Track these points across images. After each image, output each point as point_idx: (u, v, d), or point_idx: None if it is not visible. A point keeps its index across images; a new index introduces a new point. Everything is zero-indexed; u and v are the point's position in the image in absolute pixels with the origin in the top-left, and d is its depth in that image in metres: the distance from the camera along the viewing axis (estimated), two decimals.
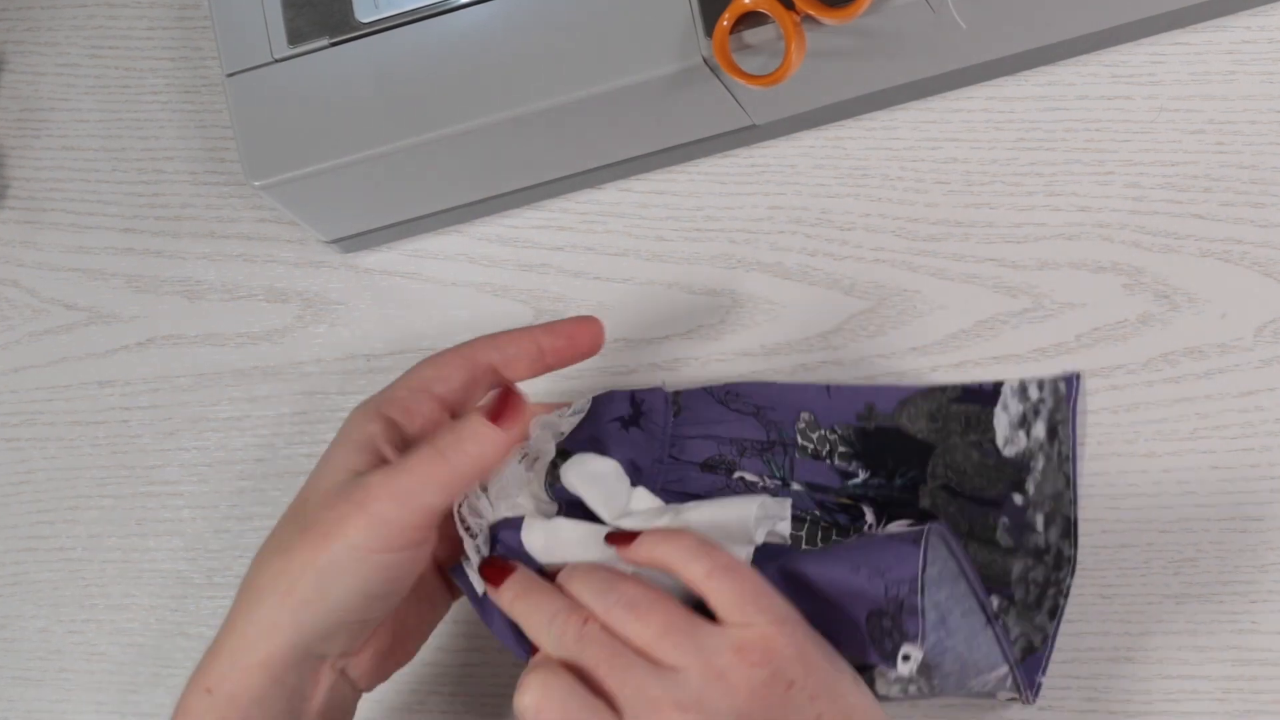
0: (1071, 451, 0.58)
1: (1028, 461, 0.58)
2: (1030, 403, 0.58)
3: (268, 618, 0.50)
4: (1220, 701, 0.58)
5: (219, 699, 0.50)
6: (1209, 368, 0.59)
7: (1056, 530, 0.57)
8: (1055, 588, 0.57)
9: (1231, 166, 0.60)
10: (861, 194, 0.63)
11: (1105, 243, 0.61)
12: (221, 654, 0.51)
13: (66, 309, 0.71)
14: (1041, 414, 0.58)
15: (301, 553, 0.50)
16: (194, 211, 0.70)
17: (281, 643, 0.50)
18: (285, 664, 0.51)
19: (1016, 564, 0.57)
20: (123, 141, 0.71)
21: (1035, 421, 0.58)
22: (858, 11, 0.53)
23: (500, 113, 0.58)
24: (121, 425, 0.69)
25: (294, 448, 0.68)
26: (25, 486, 0.70)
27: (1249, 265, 0.59)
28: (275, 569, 0.51)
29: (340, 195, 0.62)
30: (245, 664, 0.50)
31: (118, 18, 0.72)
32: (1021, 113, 0.62)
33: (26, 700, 0.69)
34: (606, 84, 0.57)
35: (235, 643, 0.51)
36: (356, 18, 0.60)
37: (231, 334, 0.69)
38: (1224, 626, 0.58)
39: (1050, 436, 0.58)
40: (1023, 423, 0.58)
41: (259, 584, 0.51)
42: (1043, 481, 0.58)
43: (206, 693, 0.51)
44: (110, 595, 0.69)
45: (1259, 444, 0.59)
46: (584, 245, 0.66)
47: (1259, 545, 0.58)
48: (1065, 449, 0.58)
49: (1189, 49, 0.61)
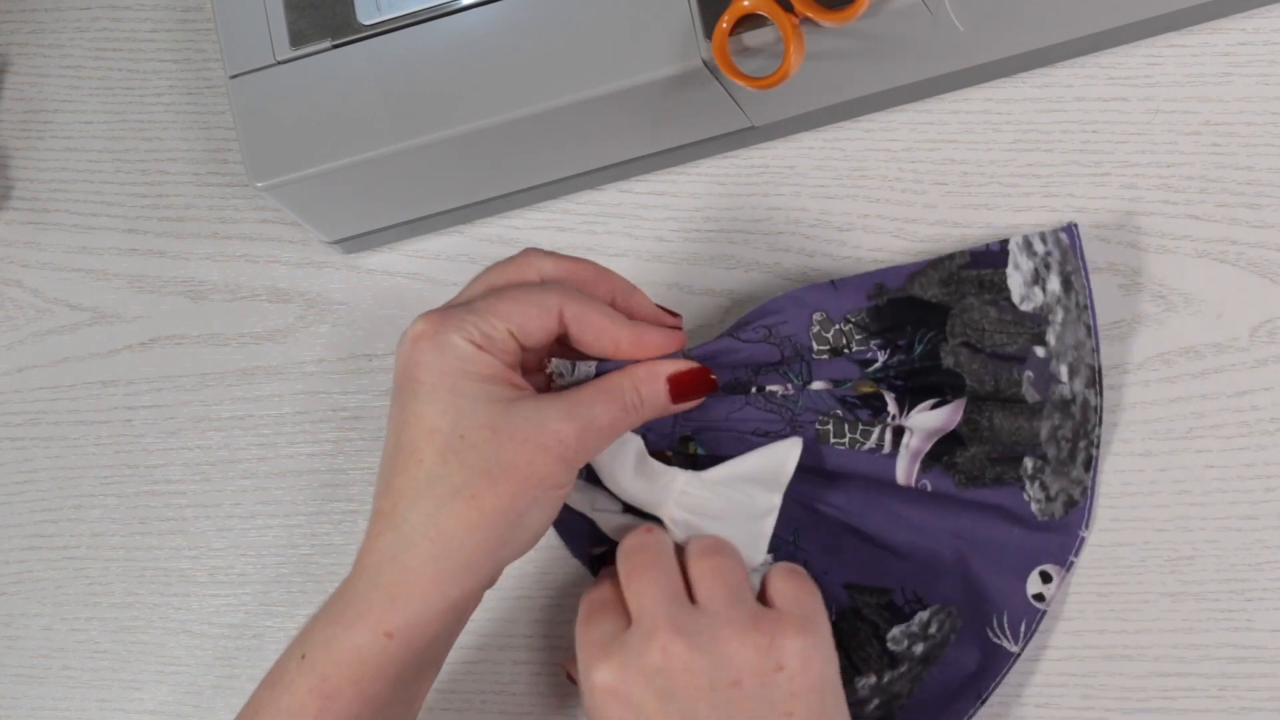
0: (1089, 300, 0.57)
1: (1046, 315, 0.57)
2: (1039, 257, 0.58)
3: (465, 562, 0.49)
4: (1216, 699, 0.58)
5: (401, 644, 0.49)
6: (1205, 367, 0.59)
7: (1081, 380, 0.57)
8: (1086, 439, 0.57)
9: (1227, 168, 0.60)
10: (860, 195, 0.63)
11: (1102, 243, 0.61)
12: (401, 599, 0.49)
13: (70, 309, 0.71)
14: (1053, 267, 0.58)
15: (493, 498, 0.49)
16: (197, 212, 0.70)
17: (475, 584, 0.50)
18: (473, 599, 0.51)
19: (1045, 424, 0.57)
20: (126, 143, 0.71)
21: (1049, 275, 0.57)
22: (856, 14, 0.53)
23: (501, 115, 0.58)
24: (125, 425, 0.70)
25: (296, 447, 0.68)
26: (29, 485, 0.71)
27: (1245, 266, 0.60)
28: (464, 516, 0.49)
29: (342, 196, 0.62)
30: (438, 608, 0.49)
31: (121, 20, 0.72)
32: (1019, 114, 0.62)
33: (30, 698, 0.69)
34: (607, 86, 0.57)
35: (421, 588, 0.49)
36: (358, 20, 0.60)
37: (234, 334, 0.69)
38: (1220, 625, 0.58)
39: (1066, 288, 0.57)
40: (1036, 278, 0.57)
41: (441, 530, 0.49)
42: (1063, 332, 0.57)
43: (387, 638, 0.49)
44: (113, 593, 0.69)
45: (1254, 443, 0.59)
46: (584, 246, 0.66)
47: (1254, 544, 0.58)
48: (1082, 298, 0.57)
49: (1185, 51, 0.61)
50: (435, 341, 0.50)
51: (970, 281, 0.58)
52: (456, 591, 0.49)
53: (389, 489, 0.50)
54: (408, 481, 0.50)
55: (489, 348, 0.50)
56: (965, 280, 0.58)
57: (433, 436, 0.49)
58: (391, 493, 0.50)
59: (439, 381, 0.50)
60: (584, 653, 0.52)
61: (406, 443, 0.50)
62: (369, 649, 0.49)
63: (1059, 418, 0.57)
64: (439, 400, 0.50)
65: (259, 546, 0.68)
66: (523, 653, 0.64)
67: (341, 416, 0.68)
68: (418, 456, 0.50)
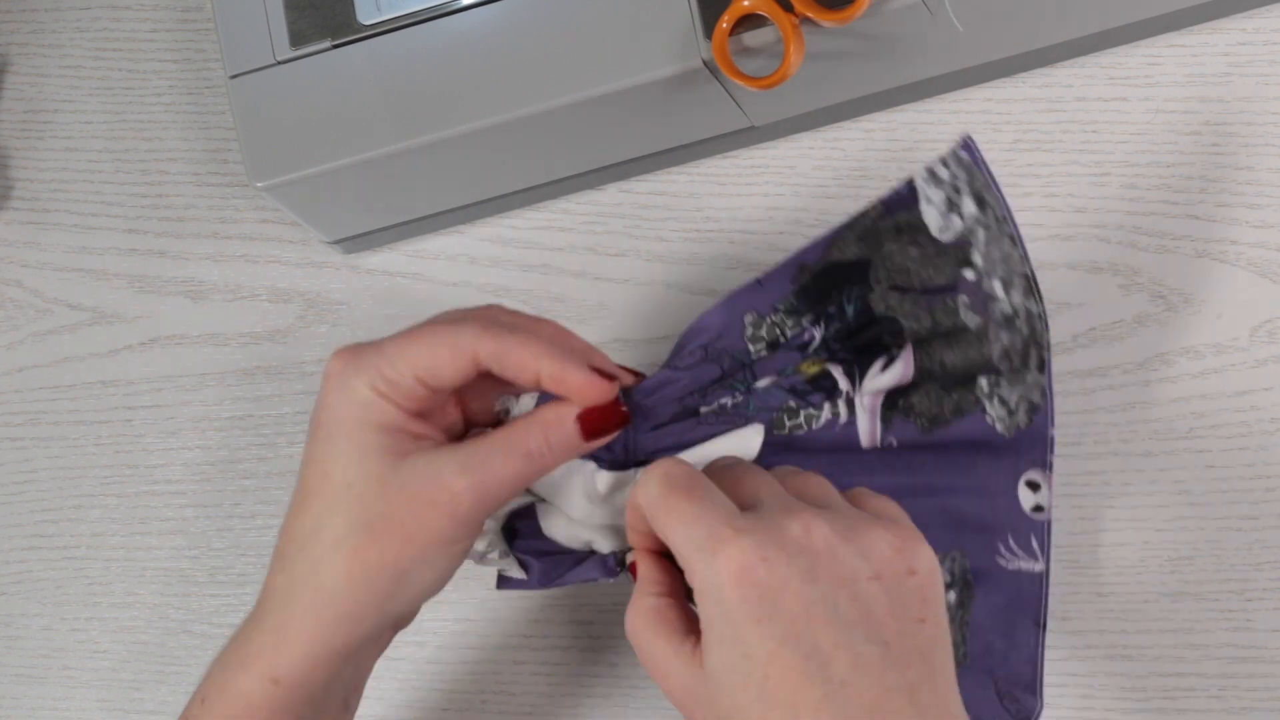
0: (1005, 212, 0.55)
1: (968, 237, 0.55)
2: (946, 184, 0.55)
3: (346, 612, 0.48)
4: (1216, 699, 0.58)
5: (286, 689, 0.49)
6: (1205, 367, 0.59)
7: (1018, 291, 0.55)
8: (1035, 345, 0.55)
9: (1227, 168, 0.60)
10: (860, 195, 0.63)
11: (1102, 243, 0.61)
12: (285, 644, 0.49)
13: (70, 309, 0.71)
14: (962, 190, 0.55)
15: (376, 552, 0.48)
16: (197, 212, 0.70)
17: (361, 632, 0.49)
18: (362, 646, 0.50)
19: (995, 346, 0.55)
20: (126, 143, 0.71)
21: (961, 199, 0.55)
22: (856, 14, 0.53)
23: (501, 115, 0.58)
24: (125, 425, 0.70)
25: (296, 447, 0.68)
26: (29, 486, 0.71)
27: (1245, 266, 0.60)
28: (343, 568, 0.48)
29: (342, 196, 0.63)
30: (321, 656, 0.49)
31: (121, 20, 0.72)
32: (1019, 114, 0.62)
33: (30, 698, 0.69)
34: (607, 86, 0.57)
35: (303, 635, 0.49)
36: (358, 20, 0.60)
37: (234, 334, 0.69)
38: (1219, 624, 0.58)
39: (980, 205, 0.54)
40: (950, 206, 0.55)
41: (320, 581, 0.48)
42: (988, 250, 0.55)
43: (273, 683, 0.49)
44: (113, 593, 0.69)
45: (1254, 443, 0.59)
46: (584, 246, 0.66)
47: (1254, 544, 0.58)
48: (999, 210, 0.55)
49: (1185, 51, 0.61)
50: (339, 384, 0.49)
51: (887, 231, 0.55)
52: (340, 640, 0.49)
53: (285, 530, 0.50)
54: (298, 526, 0.49)
55: (391, 394, 0.49)
56: (882, 231, 0.55)
57: (324, 483, 0.49)
58: (285, 534, 0.50)
59: (335, 428, 0.49)
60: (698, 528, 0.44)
61: (302, 486, 0.50)
62: (258, 694, 0.49)
63: (1006, 335, 0.55)
64: (334, 446, 0.49)
65: (259, 546, 0.68)
66: (523, 653, 0.64)
67: None
68: (309, 502, 0.49)
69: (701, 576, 0.43)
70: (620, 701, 0.64)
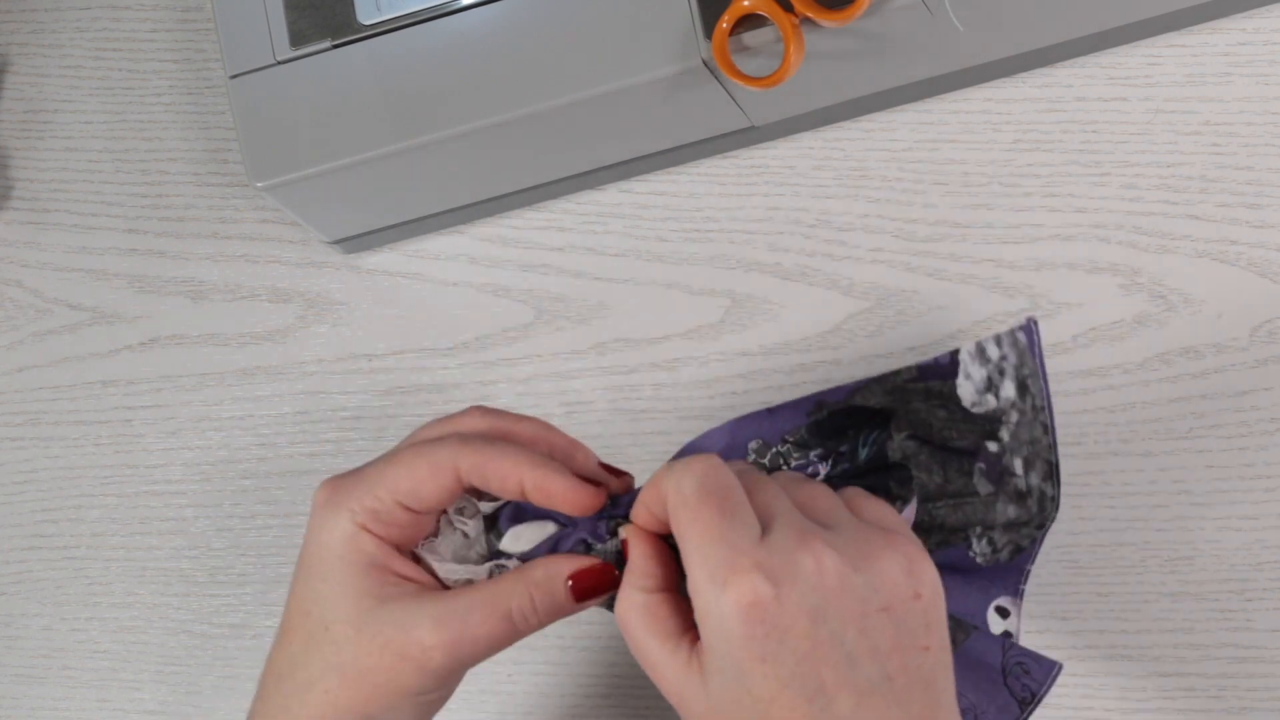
0: (1046, 401, 0.53)
1: (1000, 416, 0.53)
2: (993, 364, 0.53)
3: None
4: (1216, 699, 0.58)
5: None
6: (1204, 367, 0.59)
7: (1038, 474, 0.53)
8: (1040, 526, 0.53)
9: (1227, 168, 0.60)
10: (860, 195, 0.63)
11: (1102, 243, 0.61)
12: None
13: (70, 309, 0.71)
14: (1007, 372, 0.53)
15: (346, 697, 0.48)
16: (197, 212, 0.70)
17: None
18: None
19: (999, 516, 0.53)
20: (126, 143, 0.71)
21: (1002, 381, 0.53)
22: (856, 14, 0.53)
23: (501, 114, 0.58)
24: (125, 425, 0.70)
25: (296, 447, 0.68)
26: (29, 485, 0.71)
27: (1245, 266, 0.60)
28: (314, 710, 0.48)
29: (342, 196, 0.63)
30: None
31: (121, 20, 0.72)
32: (1019, 114, 0.62)
33: (30, 698, 0.69)
34: (607, 86, 0.57)
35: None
36: (358, 20, 0.60)
37: (234, 334, 0.69)
38: (1219, 624, 0.58)
39: (1021, 392, 0.53)
40: (989, 386, 0.53)
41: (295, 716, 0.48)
42: (1018, 430, 0.53)
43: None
44: (113, 593, 0.69)
45: (1254, 443, 0.59)
46: (584, 246, 0.66)
47: (1254, 544, 0.58)
48: (1038, 401, 0.53)
49: (1185, 51, 0.61)
50: (324, 517, 0.49)
51: (917, 392, 0.53)
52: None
53: (268, 660, 0.50)
54: (278, 659, 0.50)
55: (373, 526, 0.48)
56: (911, 391, 0.54)
57: (304, 621, 0.49)
58: (268, 665, 0.50)
59: (316, 566, 0.49)
60: (718, 548, 0.43)
61: (286, 620, 0.50)
62: None
63: (1014, 510, 0.53)
64: (316, 584, 0.49)
65: (259, 546, 0.68)
66: (523, 652, 0.64)
67: (341, 416, 0.68)
68: (289, 637, 0.49)
69: (707, 600, 0.42)
70: (620, 701, 0.64)
